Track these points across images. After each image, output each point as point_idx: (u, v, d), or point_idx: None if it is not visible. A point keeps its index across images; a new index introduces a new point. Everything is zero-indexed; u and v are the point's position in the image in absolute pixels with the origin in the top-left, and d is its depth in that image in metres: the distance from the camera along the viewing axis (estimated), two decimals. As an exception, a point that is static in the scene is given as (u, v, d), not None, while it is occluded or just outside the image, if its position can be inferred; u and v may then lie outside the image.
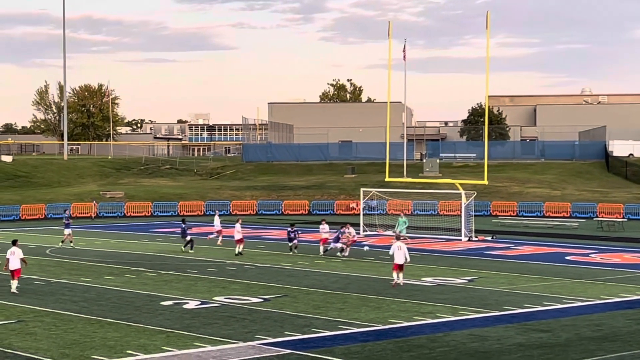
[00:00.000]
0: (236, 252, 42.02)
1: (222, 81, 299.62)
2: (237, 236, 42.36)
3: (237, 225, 42.70)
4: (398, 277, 31.90)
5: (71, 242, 46.33)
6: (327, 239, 43.26)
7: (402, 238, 45.80)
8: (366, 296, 30.02)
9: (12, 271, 30.89)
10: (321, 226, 44.03)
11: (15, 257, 30.96)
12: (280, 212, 70.71)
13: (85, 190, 77.01)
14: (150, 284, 32.95)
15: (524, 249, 45.63)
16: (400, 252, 31.77)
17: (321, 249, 43.01)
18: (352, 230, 43.50)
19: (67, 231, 46.65)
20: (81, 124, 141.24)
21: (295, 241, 43.15)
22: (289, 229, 43.80)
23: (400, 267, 31.93)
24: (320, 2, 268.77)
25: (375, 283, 33.19)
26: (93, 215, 67.01)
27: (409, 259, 32.28)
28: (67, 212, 49.46)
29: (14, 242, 31.84)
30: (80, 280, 34.02)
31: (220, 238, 46.93)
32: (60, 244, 46.04)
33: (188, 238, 44.25)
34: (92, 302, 29.02)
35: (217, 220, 48.85)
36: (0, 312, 26.98)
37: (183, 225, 45.50)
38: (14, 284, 30.87)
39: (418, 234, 51.82)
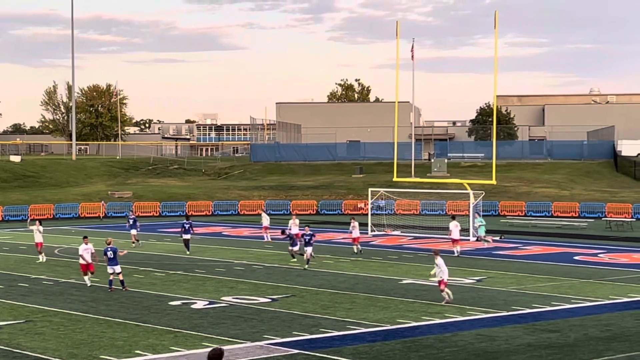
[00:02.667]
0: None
1: (230, 81, 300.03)
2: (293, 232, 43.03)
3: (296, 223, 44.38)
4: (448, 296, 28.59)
5: (133, 243, 46.25)
6: (358, 237, 43.12)
7: (481, 240, 46.66)
8: (374, 296, 30.00)
9: (84, 265, 32.83)
10: (352, 224, 43.41)
11: (87, 252, 32.85)
12: (289, 212, 70.66)
13: (94, 190, 77.13)
14: (159, 284, 32.99)
15: (532, 249, 45.56)
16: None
17: (355, 248, 42.84)
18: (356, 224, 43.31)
19: (133, 232, 46.77)
20: (89, 124, 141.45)
21: (309, 250, 37.99)
22: (304, 230, 39.98)
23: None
24: (330, 2, 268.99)
25: (383, 283, 33.18)
26: (101, 216, 67.11)
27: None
28: (130, 213, 49.92)
29: (85, 238, 33.88)
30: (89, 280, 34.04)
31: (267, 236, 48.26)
32: (133, 245, 45.96)
33: (187, 237, 43.31)
34: (100, 302, 29.07)
35: (265, 217, 50.47)
36: (9, 312, 27.05)
37: (186, 224, 43.87)
38: (87, 278, 32.81)
39: (426, 233, 51.80)
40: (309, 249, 37.74)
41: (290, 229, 43.41)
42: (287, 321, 25.51)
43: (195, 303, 28.60)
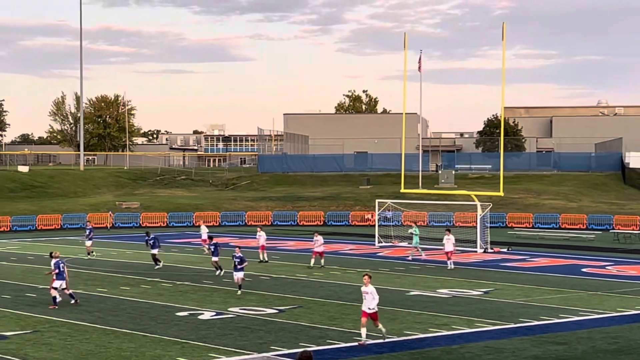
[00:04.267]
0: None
1: (238, 92, 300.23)
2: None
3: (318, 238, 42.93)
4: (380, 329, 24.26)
5: (88, 254, 46.30)
6: (452, 252, 42.07)
7: (415, 249, 45.98)
8: (381, 308, 29.86)
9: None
10: (446, 237, 42.14)
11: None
12: (296, 223, 70.74)
13: (101, 201, 77.23)
14: (166, 295, 32.99)
15: (539, 261, 45.47)
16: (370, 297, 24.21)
17: (449, 264, 41.69)
18: (319, 238, 42.36)
19: (88, 243, 46.72)
20: (97, 135, 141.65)
21: (238, 275, 33.37)
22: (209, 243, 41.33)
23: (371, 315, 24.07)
24: (338, 14, 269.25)
25: (390, 294, 33.12)
26: (109, 226, 67.19)
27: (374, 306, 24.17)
28: (88, 223, 49.98)
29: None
30: (96, 290, 34.11)
31: (206, 248, 46.62)
32: (87, 256, 45.97)
33: (155, 252, 41.87)
34: (107, 312, 29.08)
35: (203, 229, 49.50)
36: (16, 322, 27.07)
37: (147, 238, 42.65)
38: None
39: (434, 245, 51.73)
40: (238, 275, 33.12)
41: (256, 240, 43.29)
42: (294, 332, 25.48)
43: (203, 314, 28.59)
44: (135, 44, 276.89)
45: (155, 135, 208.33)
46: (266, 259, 44.18)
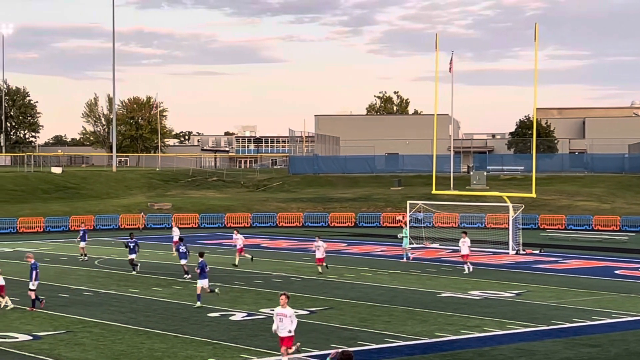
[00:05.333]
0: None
1: (269, 93, 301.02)
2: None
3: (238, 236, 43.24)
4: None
5: (81, 256, 45.95)
6: (468, 254, 40.84)
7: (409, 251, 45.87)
8: (412, 309, 29.90)
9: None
10: (462, 239, 41.34)
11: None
12: (327, 224, 70.74)
13: (134, 202, 77.65)
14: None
15: (572, 263, 45.17)
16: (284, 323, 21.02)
17: (466, 267, 40.41)
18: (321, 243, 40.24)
19: (82, 244, 46.27)
20: (130, 136, 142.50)
21: (202, 283, 30.79)
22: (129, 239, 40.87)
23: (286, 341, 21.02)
24: (369, 15, 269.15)
25: (422, 296, 33.06)
26: (141, 227, 67.53)
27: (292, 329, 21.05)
28: (82, 225, 49.33)
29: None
30: (128, 291, 34.30)
31: (175, 251, 46.18)
32: (80, 259, 45.94)
33: (133, 256, 40.43)
34: (139, 313, 29.23)
35: (175, 231, 48.82)
36: (50, 323, 27.29)
37: (129, 240, 41.32)
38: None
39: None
40: (202, 282, 30.56)
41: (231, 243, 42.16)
42: (325, 333, 25.49)
43: (234, 315, 28.66)
44: (168, 45, 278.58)
45: (187, 137, 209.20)
46: (236, 263, 42.71)
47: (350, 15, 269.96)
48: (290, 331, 20.78)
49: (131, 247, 40.62)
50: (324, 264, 40.17)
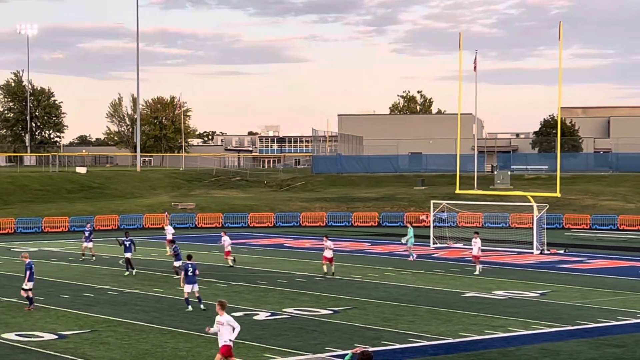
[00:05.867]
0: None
1: (292, 93, 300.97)
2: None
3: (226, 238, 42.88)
4: None
5: (90, 255, 45.86)
6: (478, 255, 40.40)
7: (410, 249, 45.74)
8: (436, 309, 29.84)
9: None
10: (473, 240, 41.11)
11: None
12: (350, 224, 70.71)
13: (158, 202, 77.93)
14: (221, 295, 33.09)
15: (597, 263, 44.93)
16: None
17: (477, 268, 40.03)
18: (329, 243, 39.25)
19: (89, 245, 46.12)
20: (154, 136, 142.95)
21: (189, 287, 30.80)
22: (124, 238, 40.40)
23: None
24: (393, 15, 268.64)
25: (445, 296, 32.99)
26: (165, 227, 67.67)
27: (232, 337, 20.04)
28: (88, 225, 49.29)
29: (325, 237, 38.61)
30: (153, 290, 34.43)
31: (169, 250, 46.11)
32: (83, 257, 45.90)
33: (129, 255, 39.96)
34: (163, 312, 29.33)
35: (169, 230, 48.56)
36: (74, 322, 27.43)
37: (124, 239, 40.79)
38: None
39: (489, 246, 51.41)
40: (188, 287, 29.91)
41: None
42: (349, 333, 25.48)
43: (257, 314, 28.71)
44: (191, 46, 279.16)
45: (210, 137, 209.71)
46: (231, 264, 42.29)
47: (374, 14, 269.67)
48: (226, 341, 19.67)
49: (127, 245, 40.06)
50: (332, 265, 38.97)
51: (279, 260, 45.27)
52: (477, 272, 39.71)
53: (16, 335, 25.39)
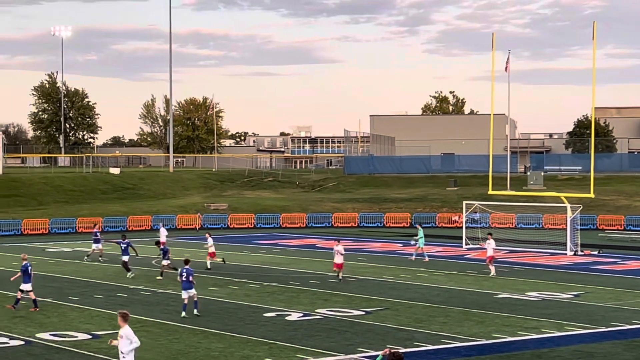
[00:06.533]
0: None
1: (324, 94, 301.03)
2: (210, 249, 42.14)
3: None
4: None
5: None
6: (492, 257, 40.00)
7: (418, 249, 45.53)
8: (469, 310, 29.73)
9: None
10: (487, 241, 40.87)
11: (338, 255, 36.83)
12: (382, 224, 70.61)
13: (190, 202, 78.24)
14: (253, 296, 33.26)
15: (631, 264, 44.58)
16: None
17: (492, 269, 39.56)
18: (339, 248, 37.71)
19: (99, 246, 46.08)
20: (186, 137, 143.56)
21: (165, 261, 37.38)
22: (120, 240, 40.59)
23: None
24: (426, 15, 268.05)
25: (478, 297, 32.86)
26: (197, 227, 68.00)
27: None
28: (95, 227, 49.42)
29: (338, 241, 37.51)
30: (185, 290, 34.48)
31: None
32: (93, 258, 45.88)
33: (126, 258, 39.89)
34: (196, 312, 29.41)
35: (162, 232, 48.30)
36: (108, 322, 27.61)
37: (120, 241, 41.05)
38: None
39: (522, 247, 51.17)
40: (185, 293, 29.01)
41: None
42: (381, 334, 25.46)
43: (290, 315, 28.75)
44: (224, 47, 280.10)
45: (242, 137, 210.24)
46: (209, 266, 41.56)
47: (406, 15, 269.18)
48: (122, 353, 18.16)
49: (123, 247, 39.87)
50: (342, 271, 37.50)
51: (311, 261, 45.30)
52: (493, 274, 39.27)
53: (50, 335, 25.60)
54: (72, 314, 29.17)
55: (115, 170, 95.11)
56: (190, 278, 28.80)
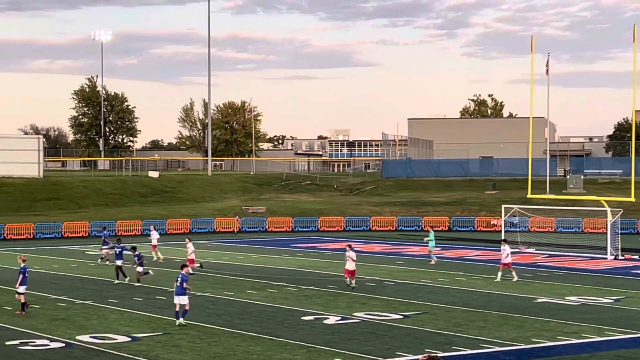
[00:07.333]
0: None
1: (362, 97, 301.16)
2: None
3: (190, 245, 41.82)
4: None
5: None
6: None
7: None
8: (508, 314, 29.56)
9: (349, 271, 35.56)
10: (502, 247, 39.97)
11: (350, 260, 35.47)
12: (420, 228, 70.35)
13: (228, 206, 78.53)
14: (291, 299, 33.30)
15: (673, 269, 44.06)
16: None
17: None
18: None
19: (118, 262, 45.23)
20: (224, 140, 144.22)
21: (140, 268, 37.98)
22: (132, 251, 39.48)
23: None
24: (464, 18, 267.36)
25: (517, 301, 32.65)
26: (236, 230, 68.24)
27: None
28: (104, 230, 49.34)
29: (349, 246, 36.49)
30: (224, 294, 34.68)
31: (155, 255, 45.96)
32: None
33: (119, 263, 38.88)
34: (235, 315, 29.53)
35: (154, 234, 47.85)
36: (147, 325, 27.77)
37: (115, 245, 40.53)
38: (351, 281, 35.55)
39: (561, 251, 50.80)
40: (178, 299, 28.17)
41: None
42: (419, 338, 25.38)
43: (328, 318, 28.74)
44: (262, 50, 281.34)
45: (280, 141, 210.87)
46: (191, 271, 39.04)
47: (445, 18, 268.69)
48: None
49: (117, 252, 39.13)
50: (354, 278, 35.85)
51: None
52: (515, 279, 38.62)
53: (90, 337, 25.80)
54: (111, 317, 29.39)
55: (154, 174, 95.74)
56: (185, 284, 28.15)
